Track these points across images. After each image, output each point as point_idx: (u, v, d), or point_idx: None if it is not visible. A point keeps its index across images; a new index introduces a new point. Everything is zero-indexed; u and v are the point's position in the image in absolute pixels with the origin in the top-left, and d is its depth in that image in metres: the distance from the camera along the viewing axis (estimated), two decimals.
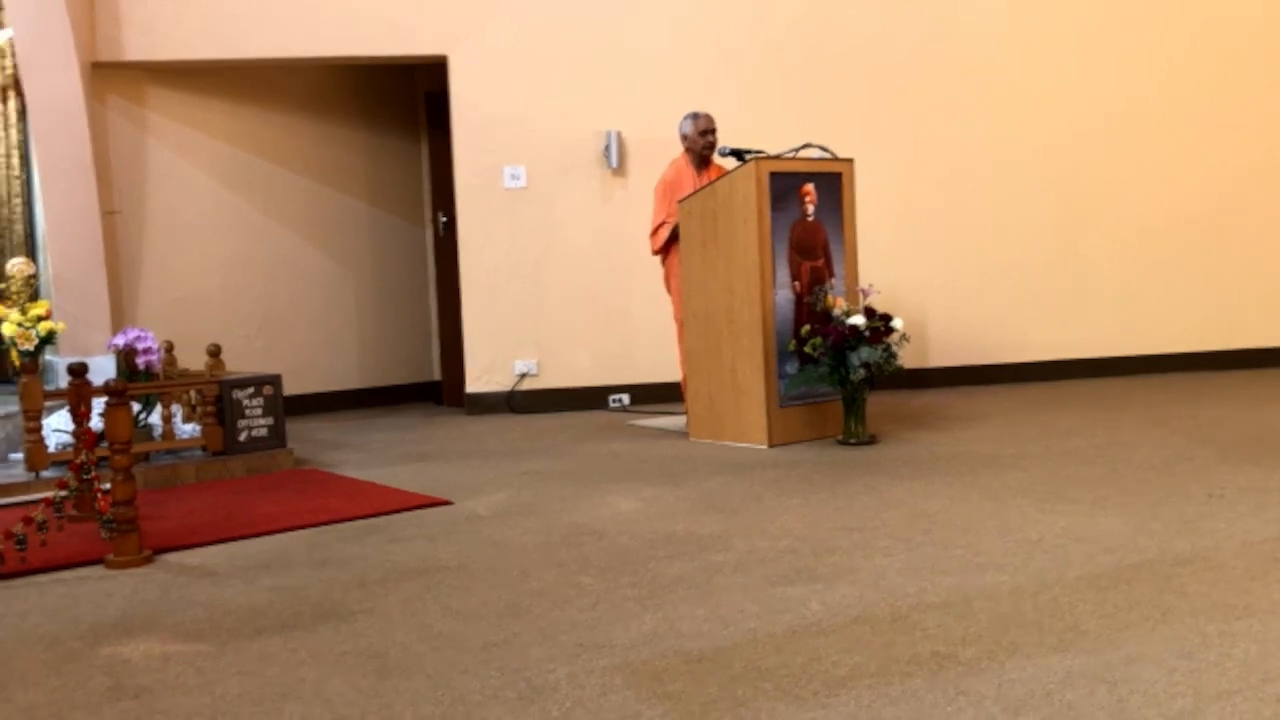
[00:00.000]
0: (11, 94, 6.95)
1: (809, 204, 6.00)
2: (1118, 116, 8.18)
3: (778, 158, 6.00)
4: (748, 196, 5.80)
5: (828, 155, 6.16)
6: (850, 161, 6.21)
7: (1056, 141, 8.11)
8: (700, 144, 6.41)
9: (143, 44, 7.13)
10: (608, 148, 7.57)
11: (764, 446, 5.78)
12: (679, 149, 6.51)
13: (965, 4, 7.99)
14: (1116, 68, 8.17)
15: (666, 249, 6.38)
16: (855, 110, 7.77)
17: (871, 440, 5.80)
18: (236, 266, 7.75)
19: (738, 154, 6.18)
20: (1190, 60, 8.26)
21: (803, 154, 6.11)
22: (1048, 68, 8.09)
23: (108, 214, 7.10)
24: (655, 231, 6.37)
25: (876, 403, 6.47)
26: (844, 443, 5.79)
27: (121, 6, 7.08)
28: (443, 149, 7.89)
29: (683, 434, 6.30)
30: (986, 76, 8.01)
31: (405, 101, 8.56)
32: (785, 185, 5.90)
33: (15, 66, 6.77)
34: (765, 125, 7.13)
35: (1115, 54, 8.16)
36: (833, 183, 6.12)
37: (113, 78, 7.25)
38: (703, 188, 6.12)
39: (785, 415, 5.87)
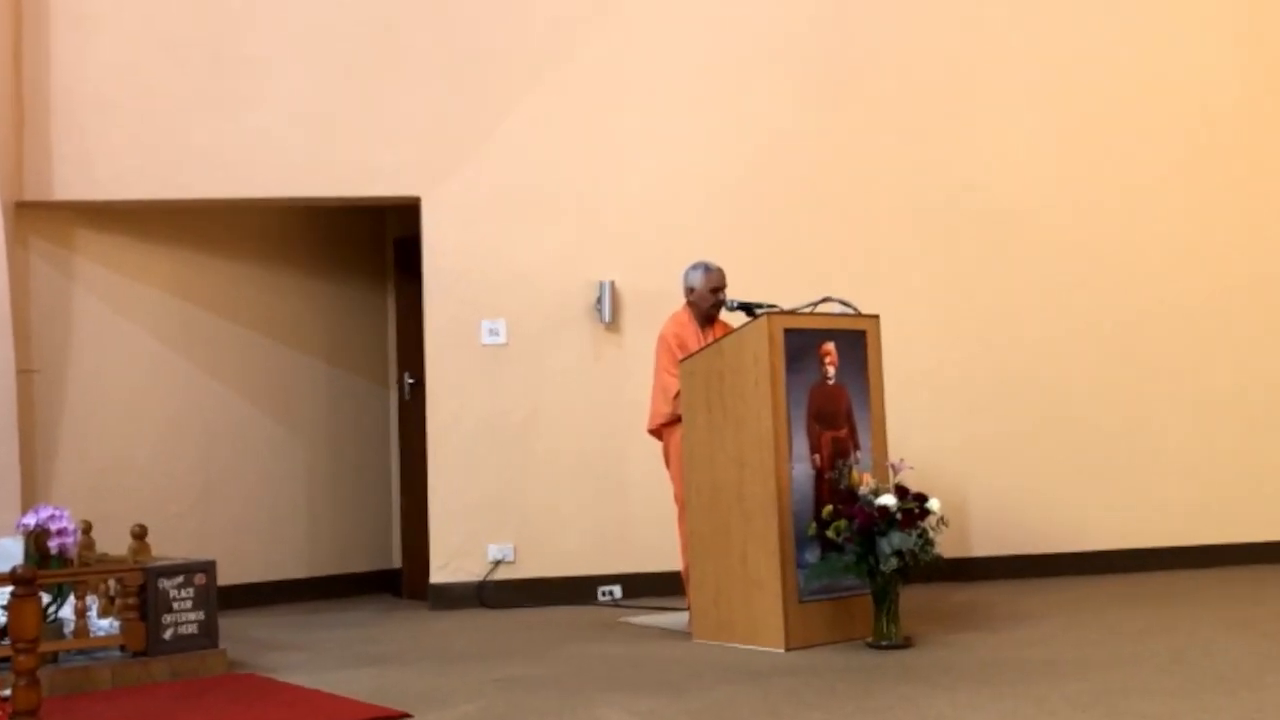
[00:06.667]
0: None
1: (829, 365, 6.07)
2: (1185, 264, 8.31)
3: (793, 312, 6.09)
4: (759, 356, 5.86)
5: (850, 310, 6.25)
6: (875, 318, 6.29)
7: (1115, 292, 8.20)
8: (709, 301, 6.49)
9: (75, 182, 7.32)
10: (600, 299, 7.69)
11: (780, 650, 5.71)
12: (681, 300, 6.61)
13: (1005, 145, 8.19)
14: (1182, 213, 8.33)
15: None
16: (881, 259, 7.90)
17: (906, 643, 5.73)
18: (171, 433, 7.78)
19: (747, 308, 6.29)
20: (1270, 210, 8.44)
21: (821, 308, 6.20)
22: (1096, 210, 8.25)
23: (24, 372, 7.16)
24: (675, 396, 6.26)
25: (911, 598, 6.41)
26: (874, 646, 5.72)
27: (53, 141, 7.29)
28: (412, 300, 8.01)
29: (685, 634, 6.22)
30: (1031, 221, 8.16)
31: (371, 247, 8.73)
32: (802, 343, 5.97)
33: None
34: (778, 275, 7.26)
35: (1175, 200, 8.35)
36: (856, 341, 6.19)
37: (37, 218, 7.38)
38: (707, 345, 6.20)
39: (805, 612, 5.81)
